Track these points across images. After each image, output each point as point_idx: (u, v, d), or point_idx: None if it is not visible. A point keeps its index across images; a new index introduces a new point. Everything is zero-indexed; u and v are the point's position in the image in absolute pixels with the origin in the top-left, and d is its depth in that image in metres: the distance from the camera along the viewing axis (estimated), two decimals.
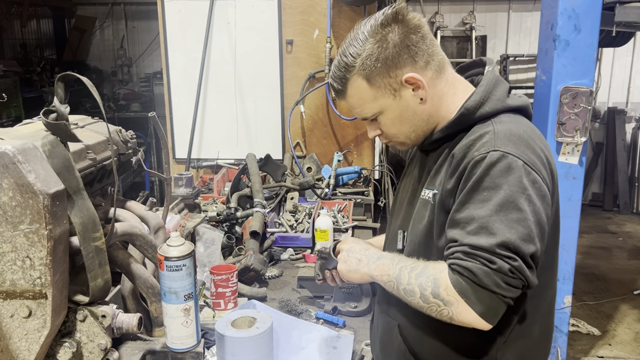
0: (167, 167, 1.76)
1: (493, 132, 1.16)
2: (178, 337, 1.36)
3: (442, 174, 1.23)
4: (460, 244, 1.10)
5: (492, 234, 1.07)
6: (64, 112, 1.30)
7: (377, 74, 1.20)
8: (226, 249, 2.37)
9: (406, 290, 1.16)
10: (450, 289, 1.09)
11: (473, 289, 1.07)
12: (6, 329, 1.23)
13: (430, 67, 1.22)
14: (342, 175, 3.30)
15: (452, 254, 1.12)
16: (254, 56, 3.49)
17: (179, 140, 3.62)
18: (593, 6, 2.67)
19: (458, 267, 1.09)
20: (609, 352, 3.89)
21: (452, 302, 1.09)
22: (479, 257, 1.07)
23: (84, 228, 1.27)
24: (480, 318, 1.08)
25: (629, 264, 5.44)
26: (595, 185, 7.30)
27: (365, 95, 1.24)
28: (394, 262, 1.22)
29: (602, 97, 7.05)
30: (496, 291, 1.06)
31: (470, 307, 1.07)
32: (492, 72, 1.27)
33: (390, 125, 1.28)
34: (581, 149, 2.82)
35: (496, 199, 1.09)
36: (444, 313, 1.12)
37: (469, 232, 1.10)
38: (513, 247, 1.06)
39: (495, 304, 1.07)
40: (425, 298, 1.13)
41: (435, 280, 1.12)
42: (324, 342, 1.72)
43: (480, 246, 1.07)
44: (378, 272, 1.25)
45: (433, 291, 1.11)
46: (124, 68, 7.27)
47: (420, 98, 1.23)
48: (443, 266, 1.13)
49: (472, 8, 6.91)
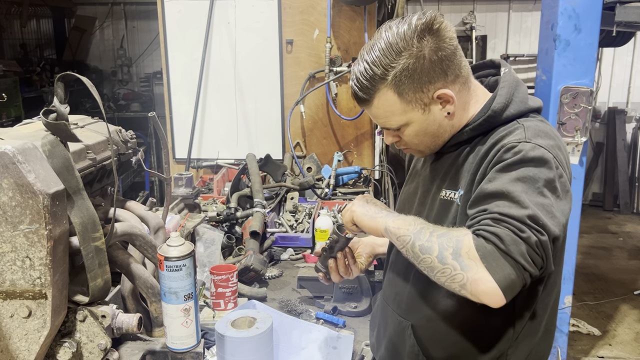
0: (167, 167, 1.76)
1: (522, 127, 1.17)
2: (178, 337, 1.36)
3: (467, 174, 1.22)
4: (489, 212, 1.06)
5: (524, 207, 1.04)
6: (64, 112, 1.30)
7: (409, 88, 1.18)
8: (226, 249, 2.37)
9: (423, 247, 1.09)
10: (472, 252, 1.03)
11: (497, 254, 1.01)
12: (6, 329, 1.23)
13: (459, 80, 1.22)
14: (342, 175, 3.30)
15: (479, 221, 1.07)
16: (254, 56, 3.49)
17: (179, 140, 3.62)
18: (593, 6, 2.67)
19: (484, 232, 1.04)
20: (609, 352, 3.89)
21: (471, 267, 1.02)
22: (508, 223, 1.03)
23: (83, 228, 1.27)
24: (497, 288, 1.01)
25: (629, 264, 5.44)
26: (595, 185, 7.30)
27: (394, 108, 1.22)
28: (416, 220, 1.16)
29: (602, 97, 7.05)
30: (520, 261, 1.01)
31: (490, 274, 1.01)
32: (510, 73, 1.28)
33: (414, 137, 1.27)
34: (581, 149, 2.82)
35: (525, 181, 1.07)
36: (456, 279, 1.04)
37: (498, 204, 1.06)
38: (542, 223, 1.03)
39: (514, 276, 1.01)
40: (443, 258, 1.05)
41: (458, 241, 1.05)
42: (324, 342, 1.72)
43: (510, 215, 1.03)
44: (395, 225, 1.17)
45: (454, 252, 1.05)
46: (124, 68, 7.27)
47: (448, 112, 1.22)
48: (466, 230, 1.08)
49: (472, 8, 6.91)
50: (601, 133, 7.13)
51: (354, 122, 3.47)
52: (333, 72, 3.34)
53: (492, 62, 1.37)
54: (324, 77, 3.37)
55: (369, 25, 3.32)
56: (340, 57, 3.38)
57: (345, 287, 2.00)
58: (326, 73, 3.33)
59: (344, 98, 3.45)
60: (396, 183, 3.69)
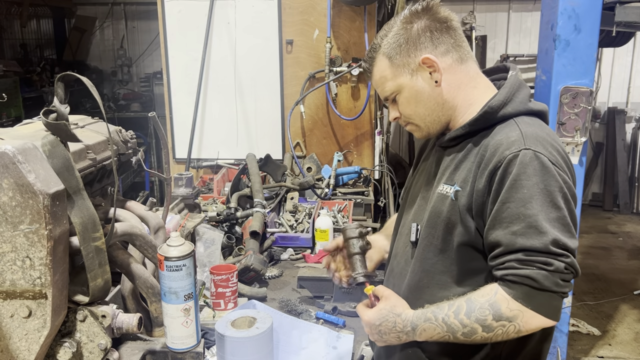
0: (167, 167, 1.76)
1: (520, 133, 1.19)
2: (178, 337, 1.36)
3: (464, 171, 1.25)
4: (510, 250, 1.12)
5: (542, 233, 1.10)
6: (64, 112, 1.30)
7: (397, 52, 1.29)
8: (226, 249, 2.37)
9: (465, 333, 1.16)
10: (512, 303, 1.11)
11: (535, 294, 1.10)
12: (6, 329, 1.23)
13: (451, 55, 1.28)
14: (342, 175, 3.30)
15: (503, 263, 1.13)
16: (254, 56, 3.49)
17: (179, 140, 3.62)
18: (593, 6, 2.67)
19: (515, 277, 1.11)
20: (609, 352, 3.89)
21: (517, 315, 1.11)
22: (535, 262, 1.10)
23: (84, 228, 1.27)
24: (547, 319, 1.11)
25: (629, 264, 5.44)
26: (595, 185, 7.30)
27: (386, 73, 1.31)
28: (435, 321, 1.19)
29: (602, 97, 7.05)
30: (557, 290, 1.10)
31: (537, 313, 1.11)
32: (516, 76, 1.31)
33: (407, 105, 1.32)
34: (581, 149, 2.82)
35: (537, 197, 1.11)
36: (510, 330, 1.13)
37: (515, 232, 1.11)
38: (562, 244, 1.10)
39: (556, 302, 1.11)
40: (488, 327, 1.14)
41: (492, 305, 1.13)
42: (324, 342, 1.72)
43: (534, 248, 1.09)
44: (425, 338, 1.23)
45: (494, 316, 1.12)
46: (124, 68, 7.27)
47: (435, 81, 1.28)
48: (492, 288, 1.14)
49: (472, 8, 6.91)
50: (601, 133, 7.13)
51: (354, 122, 3.46)
52: (333, 72, 3.34)
53: (505, 66, 1.40)
54: (324, 77, 3.37)
55: (369, 25, 3.32)
56: (340, 57, 3.38)
57: (345, 287, 2.00)
58: (326, 73, 3.33)
59: (344, 98, 3.45)
60: (396, 183, 3.69)
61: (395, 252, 1.46)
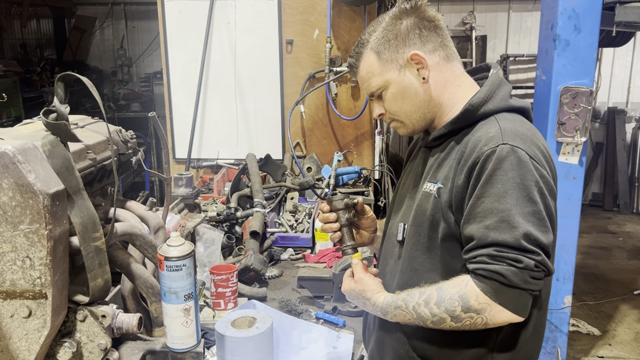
0: (167, 167, 1.76)
1: (499, 128, 1.20)
2: (178, 337, 1.36)
3: (446, 168, 1.26)
4: (483, 244, 1.13)
5: (514, 227, 1.10)
6: (64, 112, 1.30)
7: (386, 48, 1.29)
8: (226, 249, 2.37)
9: (435, 322, 1.19)
10: (481, 296, 1.13)
11: (503, 290, 1.11)
12: (6, 329, 1.23)
13: (438, 53, 1.29)
14: (342, 175, 3.30)
15: (475, 257, 1.15)
16: (254, 56, 3.49)
17: (179, 140, 3.63)
18: (593, 6, 2.67)
19: (485, 272, 1.12)
20: (609, 352, 3.89)
21: (485, 308, 1.13)
22: (505, 258, 1.11)
23: (84, 228, 1.27)
24: (514, 314, 1.13)
25: (629, 264, 5.44)
26: (595, 185, 7.30)
27: (374, 68, 1.31)
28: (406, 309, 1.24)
29: (602, 97, 7.05)
30: (525, 288, 1.11)
31: (504, 308, 1.12)
32: (497, 74, 1.32)
33: (393, 101, 1.32)
34: (581, 149, 2.82)
35: (512, 192, 1.12)
36: (477, 322, 1.15)
37: (488, 226, 1.12)
38: (534, 239, 1.11)
39: (525, 299, 1.13)
40: (457, 318, 1.16)
41: (461, 296, 1.15)
42: (324, 342, 1.72)
43: (505, 243, 1.10)
44: (396, 321, 1.28)
45: (463, 307, 1.15)
46: (124, 68, 7.27)
47: (423, 77, 1.28)
48: (464, 280, 1.16)
49: (472, 8, 6.91)
50: (601, 133, 7.13)
51: (354, 122, 3.47)
52: (333, 72, 3.34)
53: (487, 65, 1.41)
54: (324, 77, 3.37)
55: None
56: (340, 57, 3.38)
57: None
58: (326, 73, 3.33)
59: (344, 98, 3.45)
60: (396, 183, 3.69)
61: (384, 253, 1.47)
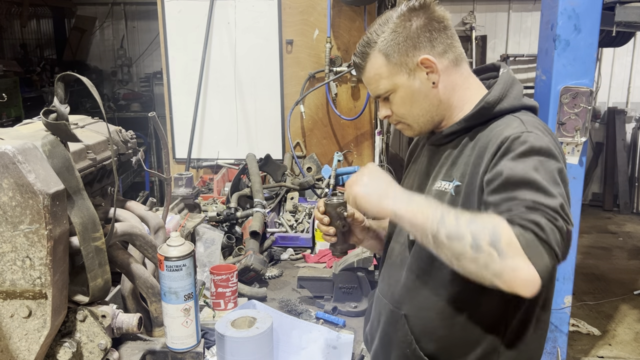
0: (167, 167, 1.76)
1: (521, 121, 1.19)
2: (178, 337, 1.36)
3: (462, 165, 1.24)
4: (520, 199, 1.04)
5: (553, 196, 1.04)
6: (64, 112, 1.30)
7: (395, 51, 1.26)
8: (226, 249, 2.37)
9: (451, 234, 1.05)
10: (514, 241, 1.00)
11: (537, 243, 1.00)
12: (6, 329, 1.23)
13: (447, 56, 1.27)
14: (342, 175, 3.30)
15: (511, 209, 1.05)
16: (254, 56, 3.49)
17: (179, 140, 3.62)
18: (593, 6, 2.67)
19: (522, 220, 1.02)
20: (609, 352, 3.89)
21: (511, 255, 1.00)
22: (544, 211, 1.02)
23: (84, 228, 1.27)
24: (538, 276, 0.99)
25: (629, 264, 5.44)
26: (595, 185, 7.30)
27: (382, 70, 1.28)
28: (431, 204, 1.12)
29: (602, 97, 7.05)
30: (556, 250, 1.01)
31: (532, 263, 0.99)
32: (508, 73, 1.31)
33: (401, 105, 1.31)
34: (581, 149, 2.82)
35: (545, 171, 1.07)
36: (491, 267, 1.01)
37: (525, 193, 1.05)
38: (567, 213, 1.05)
39: (550, 264, 1.00)
40: (478, 247, 1.02)
41: (494, 229, 1.02)
42: (324, 342, 1.72)
43: (544, 203, 1.03)
44: (410, 210, 1.13)
45: (492, 240, 1.01)
46: (124, 68, 7.27)
47: (433, 82, 1.27)
48: (501, 219, 1.04)
49: (472, 8, 6.91)
50: (601, 133, 7.13)
51: (354, 122, 3.47)
52: (333, 72, 3.34)
53: (494, 65, 1.40)
54: (324, 77, 3.37)
55: (369, 25, 3.32)
56: (340, 57, 3.38)
57: (345, 287, 2.00)
58: (326, 73, 3.33)
59: (344, 98, 3.45)
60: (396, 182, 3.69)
61: (389, 253, 1.45)
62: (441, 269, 1.26)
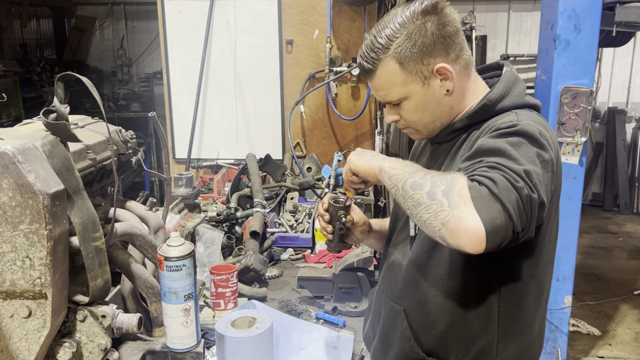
0: (167, 167, 1.76)
1: (516, 114, 1.20)
2: (178, 337, 1.36)
3: (458, 160, 1.25)
4: (485, 162, 1.06)
5: (520, 164, 1.04)
6: (64, 112, 1.30)
7: (410, 59, 1.22)
8: (226, 249, 2.37)
9: (415, 183, 1.08)
10: (464, 191, 1.01)
11: (488, 197, 0.99)
12: (6, 329, 1.23)
13: (460, 61, 1.26)
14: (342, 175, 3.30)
15: (475, 169, 1.07)
16: (254, 56, 3.49)
17: (179, 140, 3.63)
18: (593, 6, 2.67)
19: (480, 177, 1.03)
20: (609, 352, 3.89)
21: (459, 204, 1.00)
22: (504, 171, 1.02)
23: (83, 228, 1.27)
24: (481, 227, 0.97)
25: (629, 264, 5.44)
26: (595, 185, 7.30)
27: (395, 78, 1.24)
28: (413, 164, 1.16)
29: (602, 97, 7.05)
30: (509, 209, 0.98)
31: (476, 212, 0.98)
32: (511, 71, 1.31)
33: (413, 112, 1.29)
34: (581, 149, 2.82)
35: (522, 148, 1.08)
36: (440, 215, 1.02)
37: (494, 158, 1.06)
38: (534, 182, 1.03)
39: (499, 222, 0.98)
40: (433, 194, 1.03)
41: (452, 181, 1.04)
42: (324, 342, 1.72)
43: (507, 166, 1.03)
44: (391, 165, 1.17)
45: (446, 189, 1.02)
46: (124, 68, 7.27)
47: (447, 90, 1.25)
48: (462, 174, 1.07)
49: (472, 8, 6.91)
50: (601, 133, 7.13)
51: (354, 122, 3.47)
52: (333, 72, 3.34)
53: (498, 64, 1.40)
54: (324, 77, 3.37)
55: (369, 25, 3.32)
56: (340, 57, 3.38)
57: (345, 287, 2.00)
58: (326, 73, 3.33)
59: (344, 98, 3.45)
60: None
61: (390, 249, 1.46)
62: (440, 264, 1.27)
